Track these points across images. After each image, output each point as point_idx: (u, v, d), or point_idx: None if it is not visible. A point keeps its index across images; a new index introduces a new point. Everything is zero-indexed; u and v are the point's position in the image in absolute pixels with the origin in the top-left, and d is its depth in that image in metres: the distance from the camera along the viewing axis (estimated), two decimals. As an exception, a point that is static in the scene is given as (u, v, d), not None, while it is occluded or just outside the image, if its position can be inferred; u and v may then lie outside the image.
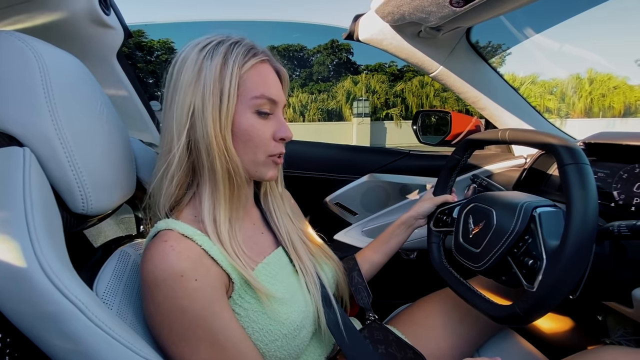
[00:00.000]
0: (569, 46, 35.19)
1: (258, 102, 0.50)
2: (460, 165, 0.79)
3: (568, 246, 0.46)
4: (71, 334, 0.34)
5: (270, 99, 0.51)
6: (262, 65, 0.52)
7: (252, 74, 0.50)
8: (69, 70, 0.50)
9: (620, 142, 0.73)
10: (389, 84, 18.41)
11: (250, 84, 0.50)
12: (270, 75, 0.53)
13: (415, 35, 0.80)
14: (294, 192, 0.74)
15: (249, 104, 0.50)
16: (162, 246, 0.44)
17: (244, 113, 0.49)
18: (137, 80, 0.83)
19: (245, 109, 0.50)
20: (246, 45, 0.50)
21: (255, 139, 0.51)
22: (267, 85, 0.51)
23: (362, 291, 0.68)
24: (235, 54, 0.49)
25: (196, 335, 0.43)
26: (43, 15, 0.62)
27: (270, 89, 0.51)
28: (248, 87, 0.49)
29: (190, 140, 0.49)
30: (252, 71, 0.50)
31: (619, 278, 0.61)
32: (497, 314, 0.57)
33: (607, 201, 0.77)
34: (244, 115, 0.50)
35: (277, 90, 0.53)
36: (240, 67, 0.49)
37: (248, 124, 0.50)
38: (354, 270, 0.72)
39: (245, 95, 0.49)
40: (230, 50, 0.49)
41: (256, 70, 0.50)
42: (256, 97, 0.50)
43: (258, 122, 0.51)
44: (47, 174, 0.43)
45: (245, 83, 0.49)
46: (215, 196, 0.50)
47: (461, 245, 0.68)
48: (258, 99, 0.50)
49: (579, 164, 0.49)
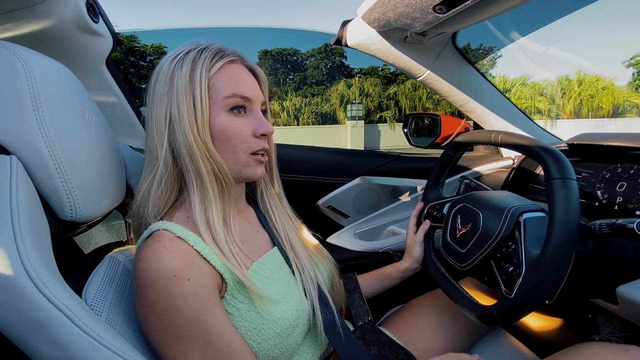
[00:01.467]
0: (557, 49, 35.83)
1: (230, 102, 0.51)
2: (453, 162, 0.80)
3: (546, 259, 0.48)
4: (59, 341, 0.34)
5: (243, 97, 0.52)
6: (231, 65, 0.53)
7: (221, 75, 0.51)
8: (56, 78, 0.50)
9: (603, 143, 0.75)
10: (382, 87, 18.53)
11: (220, 85, 0.51)
12: (242, 74, 0.54)
13: (402, 41, 0.81)
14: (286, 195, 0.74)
15: (222, 104, 0.51)
16: (156, 247, 0.44)
17: (218, 114, 0.51)
18: (126, 87, 0.83)
19: (218, 109, 0.51)
20: (213, 50, 0.52)
21: (233, 137, 0.52)
22: (238, 84, 0.52)
23: (363, 314, 0.68)
24: (203, 59, 0.50)
25: (189, 335, 0.43)
26: (31, 23, 0.63)
27: (241, 87, 0.52)
28: (218, 88, 0.51)
29: (173, 147, 0.50)
30: (221, 72, 0.51)
31: (603, 276, 0.63)
32: (475, 312, 0.58)
33: (592, 200, 0.78)
34: (219, 115, 0.51)
35: (250, 87, 0.54)
36: (208, 70, 0.50)
37: (223, 124, 0.51)
38: (356, 293, 0.72)
39: (216, 97, 0.51)
40: (198, 57, 0.51)
41: (225, 71, 0.52)
42: (227, 97, 0.51)
43: (234, 121, 0.52)
44: (34, 181, 0.43)
45: (215, 85, 0.51)
46: (205, 198, 0.51)
47: (448, 243, 0.69)
48: (230, 98, 0.51)
49: (565, 180, 0.50)
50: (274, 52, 20.98)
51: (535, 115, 18.26)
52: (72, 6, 0.64)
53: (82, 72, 0.73)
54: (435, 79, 0.90)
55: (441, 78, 0.90)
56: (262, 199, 0.64)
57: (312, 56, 20.94)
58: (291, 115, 18.15)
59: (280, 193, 0.66)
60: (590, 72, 22.53)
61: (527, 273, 0.52)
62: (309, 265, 0.61)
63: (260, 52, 21.33)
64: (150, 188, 0.51)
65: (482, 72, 0.94)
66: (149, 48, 16.45)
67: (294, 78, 21.11)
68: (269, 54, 21.03)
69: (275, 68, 21.06)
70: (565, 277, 0.53)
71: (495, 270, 0.59)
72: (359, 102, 17.33)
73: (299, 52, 21.24)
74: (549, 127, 4.00)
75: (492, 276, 0.60)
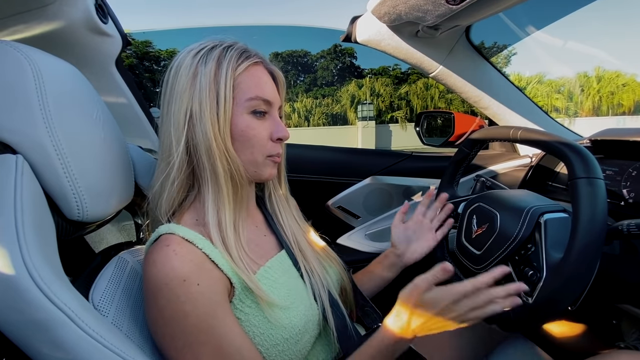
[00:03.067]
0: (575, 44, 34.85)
1: (253, 104, 0.51)
2: (469, 160, 0.77)
3: (570, 263, 0.45)
4: (61, 342, 0.34)
5: (265, 100, 0.52)
6: (255, 67, 0.52)
7: (246, 76, 0.50)
8: (64, 78, 0.50)
9: (628, 139, 0.71)
10: (393, 87, 18.40)
11: (245, 86, 0.50)
12: (264, 77, 0.53)
13: (413, 35, 0.79)
14: (296, 196, 0.73)
15: (244, 105, 0.50)
16: (165, 251, 0.44)
17: (240, 115, 0.50)
18: (136, 87, 0.84)
19: (241, 110, 0.50)
20: (239, 49, 0.51)
21: (252, 139, 0.51)
22: (261, 86, 0.52)
23: (372, 313, 0.65)
24: (229, 58, 0.49)
25: (198, 341, 0.42)
26: (41, 25, 0.63)
27: (264, 91, 0.52)
28: (242, 89, 0.50)
29: (189, 145, 0.49)
30: (246, 73, 0.50)
31: (630, 279, 0.59)
32: (491, 317, 0.56)
33: (617, 200, 0.74)
34: (241, 116, 0.50)
35: (271, 91, 0.53)
36: (234, 69, 0.49)
37: (244, 125, 0.50)
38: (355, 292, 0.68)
39: (240, 97, 0.50)
40: (224, 54, 0.49)
41: (249, 72, 0.51)
42: (251, 99, 0.50)
43: (254, 123, 0.51)
44: (41, 181, 0.43)
45: (240, 85, 0.50)
46: (219, 198, 0.50)
47: (463, 244, 0.67)
48: (253, 100, 0.50)
49: (591, 179, 0.46)
50: (285, 54, 21.11)
51: (552, 113, 17.80)
52: (81, 7, 0.65)
53: (92, 73, 0.74)
54: (449, 75, 0.87)
55: (454, 74, 0.87)
56: (270, 200, 0.64)
57: (322, 57, 20.97)
58: (302, 116, 18.20)
59: (287, 195, 0.65)
60: (610, 68, 21.78)
61: (548, 278, 0.49)
62: (319, 268, 0.59)
63: (271, 54, 21.42)
64: (164, 185, 0.50)
65: (498, 67, 0.90)
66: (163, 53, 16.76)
67: (305, 79, 21.18)
68: (279, 56, 21.18)
69: (286, 70, 21.10)
70: (590, 282, 0.50)
71: (513, 275, 0.56)
72: (370, 102, 17.26)
73: (310, 54, 21.31)
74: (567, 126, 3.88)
75: (510, 280, 0.57)
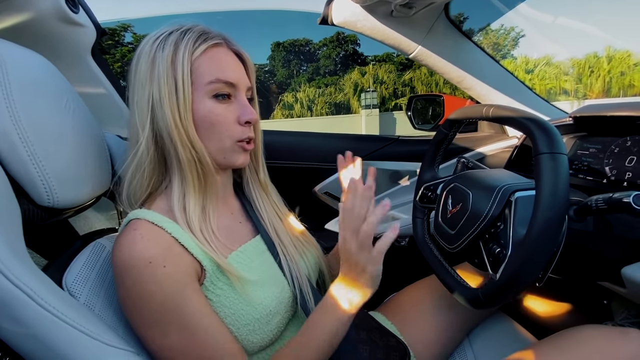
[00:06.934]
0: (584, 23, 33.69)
1: (214, 87, 0.49)
2: (448, 140, 0.76)
3: (530, 239, 0.44)
4: (21, 319, 0.35)
5: (227, 82, 0.50)
6: (216, 49, 0.51)
7: (205, 59, 0.49)
8: (30, 67, 0.50)
9: (609, 114, 0.69)
10: (397, 74, 18.10)
11: (203, 69, 0.49)
12: (226, 58, 0.52)
13: (388, 15, 0.77)
14: (282, 182, 0.73)
15: (205, 89, 0.49)
16: (132, 235, 0.44)
17: (201, 100, 0.49)
18: (115, 77, 0.84)
19: (201, 95, 0.49)
20: (197, 32, 0.50)
21: (217, 125, 0.50)
22: (222, 68, 0.50)
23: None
24: (186, 41, 0.48)
25: (165, 320, 0.43)
26: (10, 17, 0.63)
27: (225, 72, 0.50)
28: (201, 72, 0.49)
29: (155, 132, 0.49)
30: (204, 56, 0.49)
31: (606, 256, 0.59)
32: (463, 294, 0.56)
33: (599, 178, 0.73)
34: (202, 101, 0.49)
35: (235, 73, 0.52)
36: (191, 53, 0.48)
37: (206, 110, 0.49)
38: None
39: (199, 82, 0.49)
40: (181, 38, 0.48)
41: (209, 54, 0.50)
42: (211, 82, 0.49)
43: (217, 107, 0.50)
44: (8, 168, 0.44)
45: (198, 69, 0.49)
46: (184, 185, 0.50)
47: (440, 224, 0.67)
48: (213, 84, 0.49)
49: (553, 154, 0.46)
50: (286, 44, 20.84)
51: (561, 95, 17.38)
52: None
53: (66, 64, 0.74)
54: (428, 55, 0.85)
55: (434, 54, 0.85)
56: (248, 187, 0.64)
57: (324, 45, 20.65)
58: (305, 106, 18.07)
59: (265, 181, 0.65)
60: (620, 47, 21.06)
61: (512, 254, 0.49)
62: (295, 253, 0.60)
63: (272, 44, 21.25)
64: (133, 173, 0.51)
65: (481, 46, 0.88)
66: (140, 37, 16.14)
67: (307, 69, 20.95)
68: (281, 46, 20.92)
69: (288, 60, 20.94)
70: (555, 258, 0.50)
71: (483, 252, 0.56)
72: (374, 90, 17.03)
73: (312, 42, 21.00)
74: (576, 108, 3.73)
75: (481, 258, 0.57)
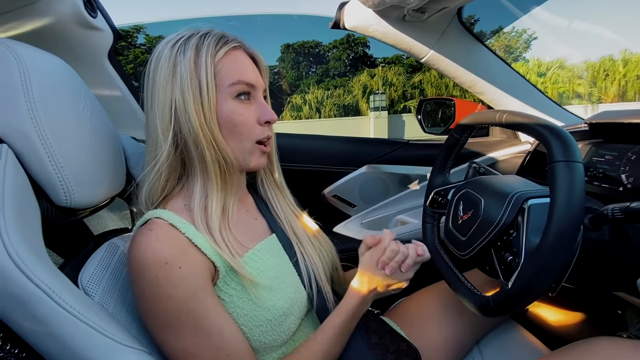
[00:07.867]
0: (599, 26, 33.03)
1: (236, 88, 0.51)
2: (460, 145, 0.76)
3: (544, 248, 0.44)
4: (39, 317, 0.36)
5: (248, 84, 0.52)
6: (235, 52, 0.52)
7: (226, 61, 0.51)
8: (50, 71, 0.51)
9: (626, 121, 0.68)
10: (406, 76, 17.97)
11: (226, 71, 0.50)
12: (245, 60, 0.54)
13: (401, 20, 0.77)
14: (291, 185, 0.73)
15: (228, 91, 0.50)
16: (148, 235, 0.45)
17: (224, 101, 0.50)
18: (130, 80, 0.86)
19: (224, 96, 0.50)
20: (216, 35, 0.51)
21: (239, 125, 0.51)
22: (243, 70, 0.52)
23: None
24: (207, 45, 0.49)
25: (179, 322, 0.44)
26: (32, 21, 0.65)
27: (246, 74, 0.52)
28: (224, 74, 0.50)
29: (177, 136, 0.50)
30: (226, 59, 0.51)
31: (620, 265, 0.57)
32: (473, 302, 0.55)
33: (615, 185, 0.71)
34: (225, 103, 0.50)
35: (253, 74, 0.54)
36: (213, 56, 0.49)
37: (230, 111, 0.50)
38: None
39: (222, 84, 0.50)
40: (202, 42, 0.50)
41: (229, 57, 0.51)
42: (233, 84, 0.50)
43: (240, 108, 0.51)
44: (28, 169, 0.45)
45: (221, 72, 0.50)
46: (207, 186, 0.51)
47: (450, 230, 0.66)
48: (236, 85, 0.51)
49: (569, 162, 0.45)
50: (296, 46, 20.89)
51: (574, 99, 17.02)
52: (69, 2, 0.67)
53: (84, 67, 0.76)
54: (440, 60, 0.85)
55: (447, 58, 0.84)
56: (262, 186, 0.64)
57: (334, 47, 20.65)
58: (313, 108, 18.07)
59: (280, 181, 0.65)
60: (637, 50, 20.56)
61: (525, 263, 0.48)
62: (313, 251, 0.60)
63: (282, 46, 21.34)
64: (150, 177, 0.52)
65: (493, 49, 0.87)
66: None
67: (316, 71, 20.97)
68: (291, 48, 21.00)
69: (297, 61, 21.02)
70: (569, 268, 0.49)
71: (494, 260, 0.55)
72: (382, 92, 16.95)
73: (321, 44, 21.01)
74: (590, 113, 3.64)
75: (493, 266, 0.56)
